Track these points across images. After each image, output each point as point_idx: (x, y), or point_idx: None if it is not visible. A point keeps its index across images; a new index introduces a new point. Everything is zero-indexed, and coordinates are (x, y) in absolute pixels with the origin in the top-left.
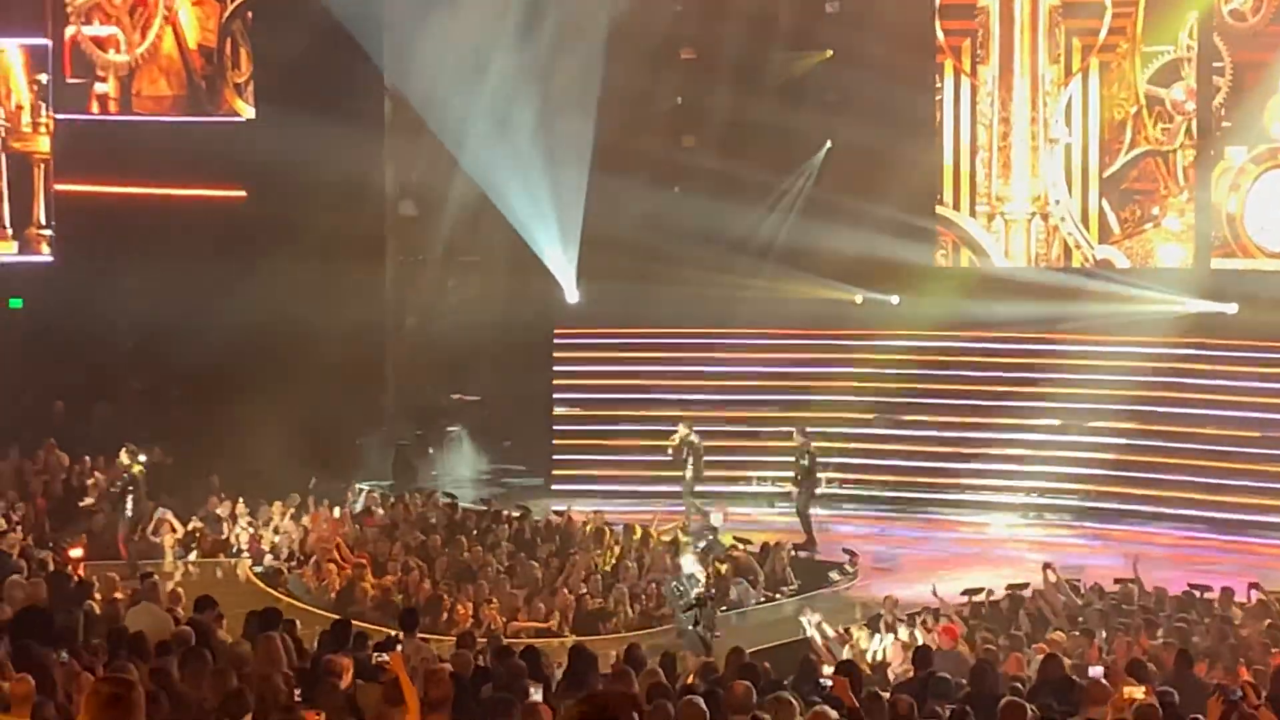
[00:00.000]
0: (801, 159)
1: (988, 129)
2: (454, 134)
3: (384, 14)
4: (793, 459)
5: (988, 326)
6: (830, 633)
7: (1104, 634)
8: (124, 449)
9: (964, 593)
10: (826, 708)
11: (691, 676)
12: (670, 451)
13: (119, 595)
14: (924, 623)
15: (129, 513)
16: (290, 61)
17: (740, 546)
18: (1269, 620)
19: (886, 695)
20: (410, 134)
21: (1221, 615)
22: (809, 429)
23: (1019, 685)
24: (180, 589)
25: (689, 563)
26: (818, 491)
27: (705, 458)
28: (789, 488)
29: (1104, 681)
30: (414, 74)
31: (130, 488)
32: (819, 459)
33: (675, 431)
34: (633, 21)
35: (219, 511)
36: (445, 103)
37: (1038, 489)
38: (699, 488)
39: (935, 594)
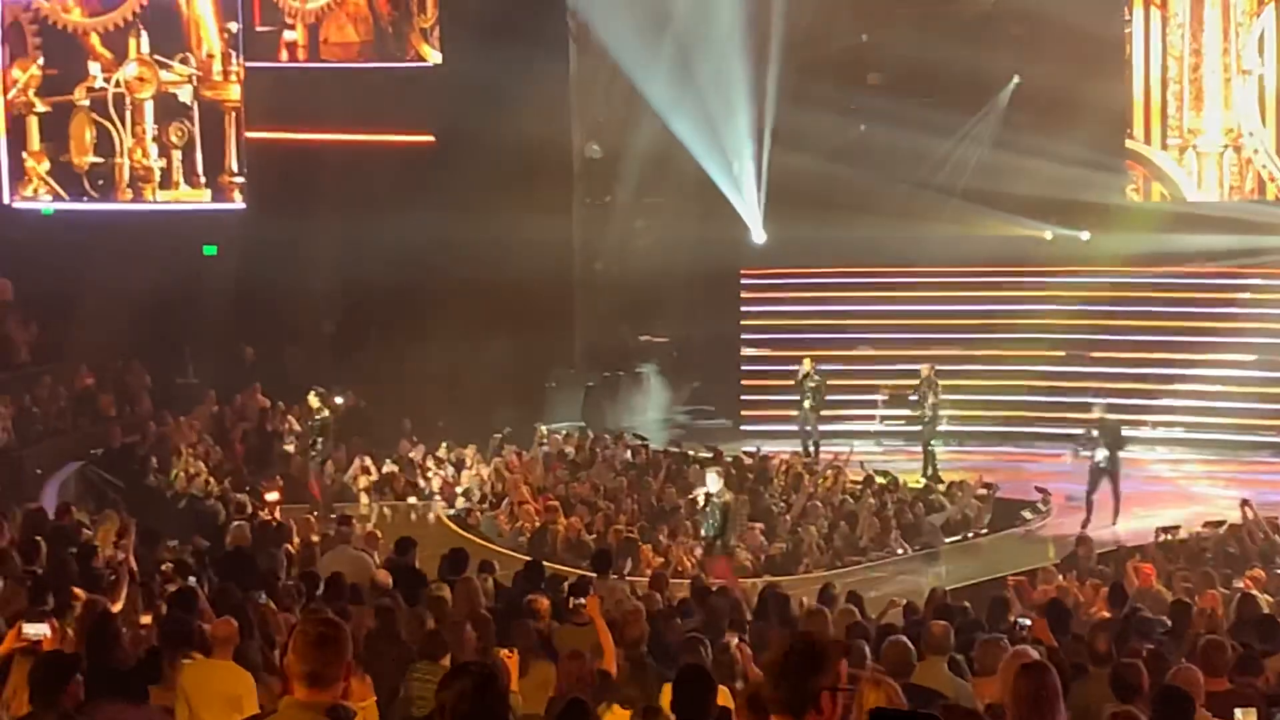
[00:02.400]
0: (988, 95)
1: (1178, 61)
2: (640, 74)
3: None
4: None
5: (1180, 261)
6: None
7: None
8: (312, 392)
9: (1159, 530)
10: (1028, 647)
11: (884, 616)
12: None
13: (315, 538)
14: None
15: (320, 456)
16: (476, 5)
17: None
18: None
19: (1084, 634)
20: (596, 75)
21: None
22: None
23: (1218, 623)
24: (377, 531)
25: (713, 481)
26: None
27: (827, 396)
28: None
29: None
30: (599, 13)
31: (320, 431)
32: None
33: (801, 368)
34: None
35: (412, 455)
36: (631, 43)
37: (1234, 425)
38: (821, 426)
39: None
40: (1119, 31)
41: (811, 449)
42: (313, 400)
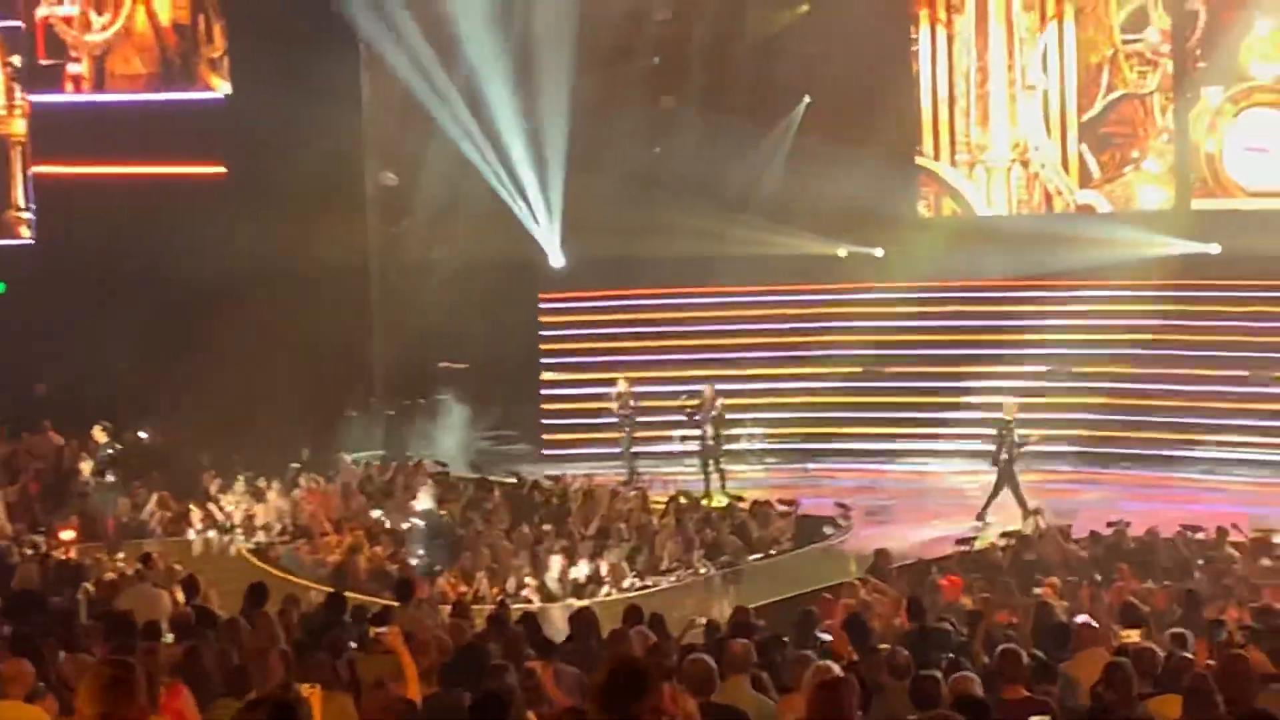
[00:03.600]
0: (781, 114)
1: (965, 78)
2: (434, 102)
3: None
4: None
5: (972, 275)
6: None
7: (1098, 578)
8: (98, 426)
9: (957, 543)
10: (830, 662)
11: (685, 635)
12: (615, 408)
13: (111, 576)
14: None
15: (113, 492)
16: (266, 35)
17: (735, 503)
18: (1264, 558)
19: (885, 647)
20: (389, 102)
21: (1216, 555)
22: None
23: (1013, 633)
24: (177, 566)
25: (425, 499)
26: (729, 445)
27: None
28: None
29: (1095, 625)
30: (392, 43)
31: (109, 464)
32: (725, 415)
33: (616, 389)
34: None
35: (211, 488)
36: (424, 71)
37: (1025, 436)
38: (635, 448)
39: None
40: (907, 50)
41: (630, 470)
42: (99, 434)
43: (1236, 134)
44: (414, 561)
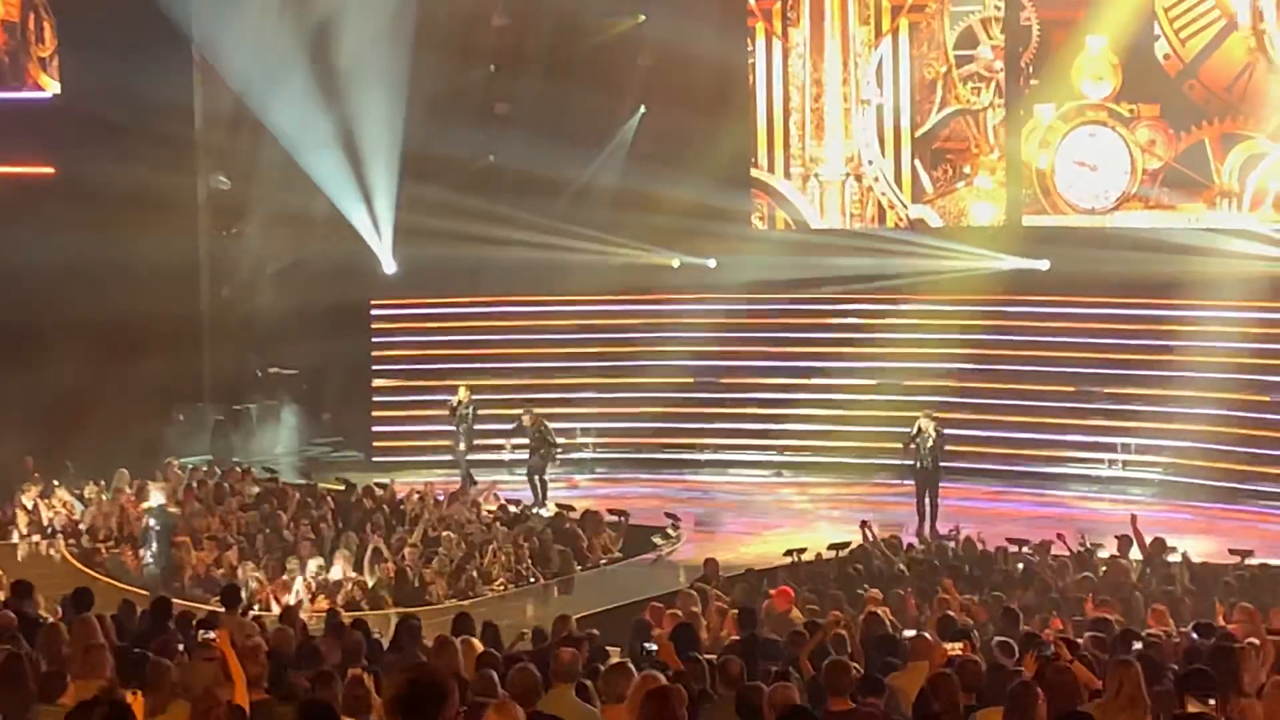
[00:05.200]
0: (616, 124)
1: (800, 91)
2: (267, 105)
3: None
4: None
5: (804, 288)
6: None
7: (923, 590)
8: None
9: (786, 553)
10: (655, 671)
11: (515, 645)
12: (452, 413)
13: None
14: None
15: None
16: (98, 35)
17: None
18: (1085, 572)
19: (713, 658)
20: (222, 106)
21: (1039, 569)
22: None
23: (842, 644)
24: None
25: (156, 496)
26: (557, 456)
27: (476, 426)
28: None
29: (928, 636)
30: (225, 43)
31: None
32: (551, 430)
33: (455, 396)
34: None
35: (33, 491)
36: (258, 73)
37: (861, 449)
38: (470, 456)
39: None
40: (743, 62)
41: (465, 478)
42: None
43: (1067, 152)
44: (149, 561)
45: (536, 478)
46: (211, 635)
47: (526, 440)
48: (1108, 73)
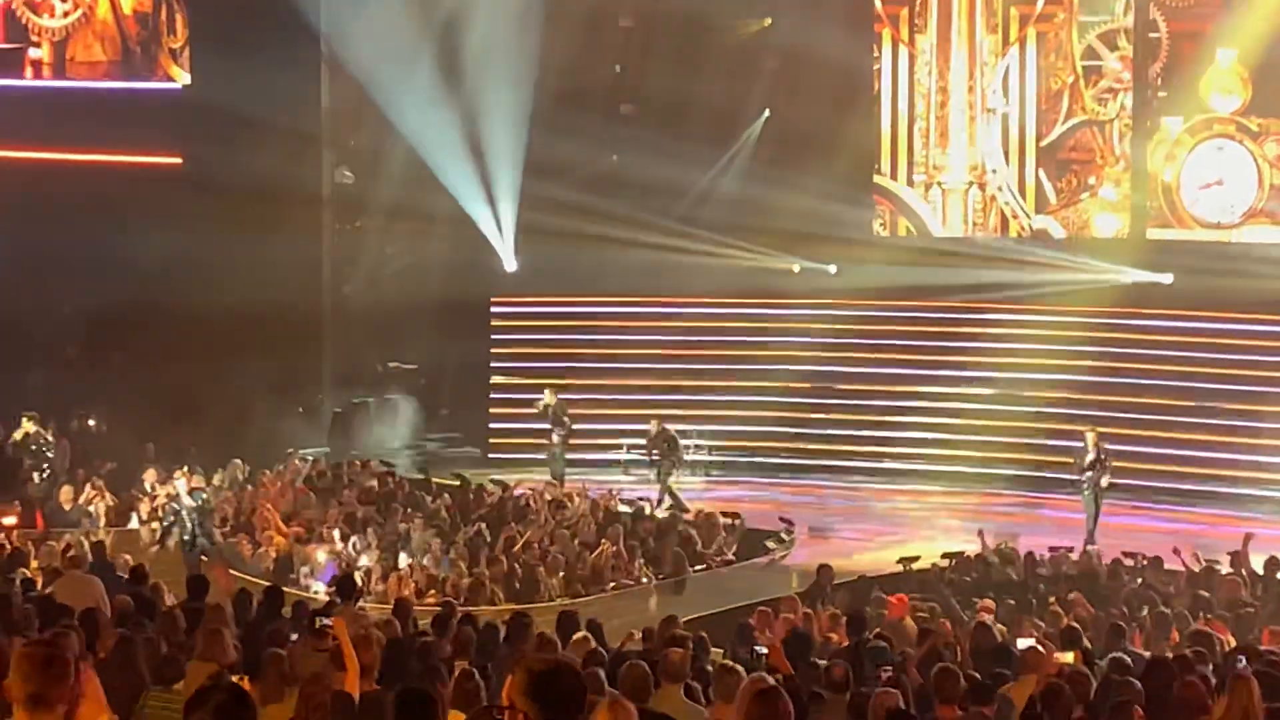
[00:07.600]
0: (740, 127)
1: (925, 98)
2: (393, 101)
3: None
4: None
5: (924, 296)
6: None
7: (1035, 602)
8: (25, 416)
9: (899, 561)
10: (764, 674)
11: (625, 643)
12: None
13: (50, 563)
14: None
15: (48, 480)
16: (227, 27)
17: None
18: (1199, 589)
19: (823, 663)
20: (348, 101)
21: (1149, 583)
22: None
23: (952, 653)
24: (127, 557)
25: (182, 486)
26: (686, 459)
27: (574, 426)
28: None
29: (1040, 649)
30: (352, 39)
31: (42, 454)
32: (678, 437)
33: (541, 399)
34: None
35: (153, 479)
36: (384, 70)
37: (974, 457)
38: (569, 455)
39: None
40: (869, 68)
41: (559, 479)
42: (27, 424)
43: (1194, 165)
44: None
45: (664, 483)
46: (328, 621)
47: (652, 446)
48: (1237, 86)
